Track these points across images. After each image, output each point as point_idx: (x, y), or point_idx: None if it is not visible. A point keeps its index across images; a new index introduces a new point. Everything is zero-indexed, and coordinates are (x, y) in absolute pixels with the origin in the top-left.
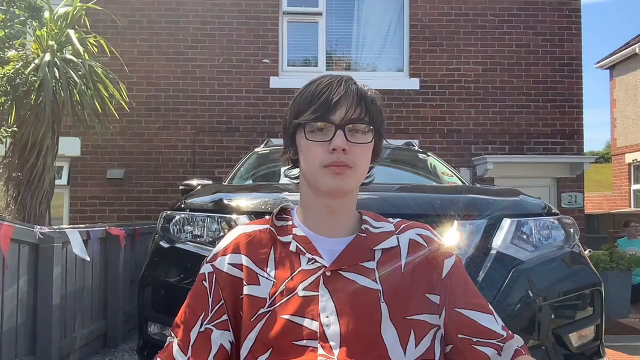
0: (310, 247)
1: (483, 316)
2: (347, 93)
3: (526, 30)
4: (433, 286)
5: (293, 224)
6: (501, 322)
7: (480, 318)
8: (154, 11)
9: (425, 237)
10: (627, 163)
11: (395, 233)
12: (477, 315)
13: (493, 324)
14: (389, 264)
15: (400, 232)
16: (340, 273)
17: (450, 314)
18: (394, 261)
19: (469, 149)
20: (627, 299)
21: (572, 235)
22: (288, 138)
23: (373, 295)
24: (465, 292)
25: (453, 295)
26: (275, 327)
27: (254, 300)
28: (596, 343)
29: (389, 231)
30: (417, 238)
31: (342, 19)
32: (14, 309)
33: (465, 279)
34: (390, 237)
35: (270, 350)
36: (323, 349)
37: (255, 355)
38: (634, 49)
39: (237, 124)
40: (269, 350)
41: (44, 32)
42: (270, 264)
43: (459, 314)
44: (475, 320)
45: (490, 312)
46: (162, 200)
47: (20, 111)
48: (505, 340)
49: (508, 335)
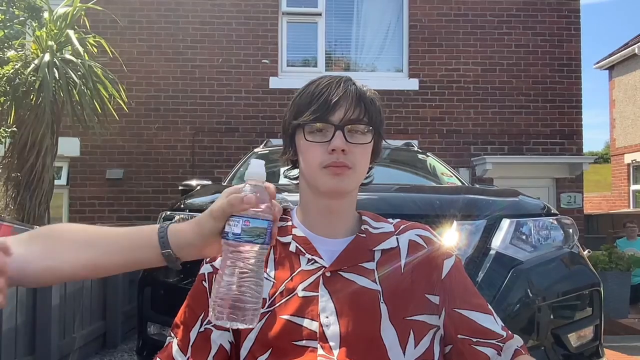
0: (309, 247)
1: (483, 316)
2: (347, 94)
3: (525, 30)
4: (433, 286)
5: (293, 224)
6: (501, 323)
7: (479, 318)
8: (153, 11)
9: (425, 237)
10: (626, 163)
11: (395, 234)
12: (476, 315)
13: (493, 324)
14: (389, 265)
15: (399, 233)
16: (340, 274)
17: (450, 314)
18: (393, 262)
19: (468, 150)
20: (626, 299)
21: (571, 236)
22: (287, 139)
23: (373, 296)
24: (465, 292)
25: (453, 296)
26: (275, 327)
27: None
28: (595, 343)
29: (388, 232)
30: (416, 239)
31: (341, 20)
32: (14, 309)
33: (465, 280)
34: (390, 237)
35: (270, 351)
36: (323, 349)
37: (255, 355)
38: (633, 50)
39: (236, 124)
40: (269, 351)
41: (44, 33)
42: (270, 264)
43: (458, 314)
44: (475, 321)
45: (489, 313)
46: (161, 201)
47: (20, 111)
48: (505, 340)
49: (508, 335)
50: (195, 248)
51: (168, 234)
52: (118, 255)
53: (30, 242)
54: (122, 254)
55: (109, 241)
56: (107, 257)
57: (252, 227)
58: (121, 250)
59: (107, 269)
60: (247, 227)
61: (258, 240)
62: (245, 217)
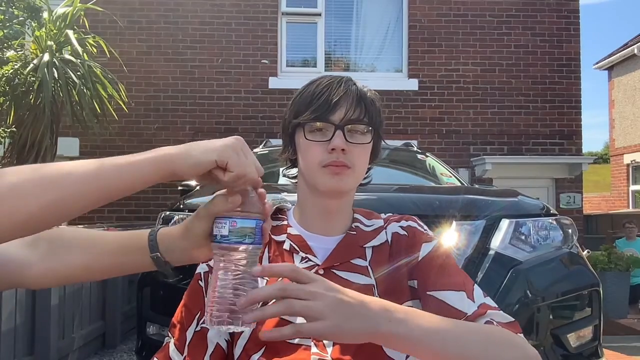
0: (304, 245)
1: (452, 294)
2: (347, 94)
3: (525, 31)
4: (412, 272)
5: (288, 223)
6: (480, 296)
7: (447, 297)
8: (153, 12)
9: (407, 227)
10: (626, 164)
11: (384, 228)
12: (446, 294)
13: (461, 301)
14: (381, 261)
15: (387, 227)
16: (333, 272)
17: (424, 299)
18: (383, 257)
19: (467, 150)
20: (625, 299)
21: (571, 236)
22: (287, 138)
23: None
24: (439, 273)
25: (427, 278)
26: (268, 325)
27: None
28: (594, 343)
29: (378, 227)
30: (399, 230)
31: (341, 20)
32: (13, 309)
33: (444, 262)
34: (380, 233)
35: (264, 349)
36: (316, 347)
37: (249, 353)
38: (632, 50)
39: (235, 124)
40: (262, 349)
41: (43, 33)
42: (264, 262)
43: (431, 297)
44: (444, 301)
45: (462, 289)
46: (160, 201)
47: (19, 111)
48: (471, 317)
49: (477, 312)
50: (184, 251)
51: (157, 237)
52: (109, 258)
53: (35, 244)
54: (113, 257)
55: (101, 244)
56: (99, 260)
57: (239, 227)
58: (113, 254)
59: (101, 271)
60: (234, 228)
61: (247, 240)
62: (232, 217)
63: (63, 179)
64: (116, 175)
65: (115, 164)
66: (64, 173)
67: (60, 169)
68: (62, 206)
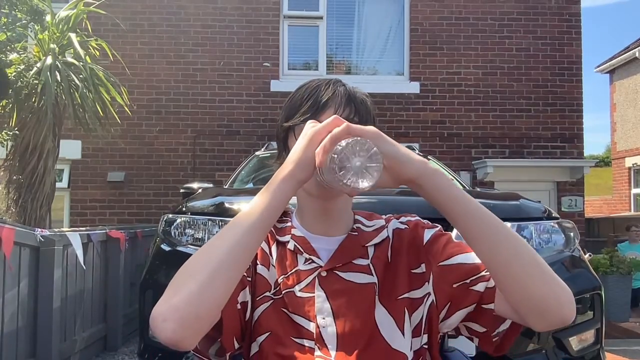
0: (308, 247)
1: (463, 256)
2: (336, 94)
3: (526, 34)
4: (418, 258)
5: (292, 225)
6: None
7: (460, 259)
8: (155, 14)
9: (407, 222)
10: (627, 167)
11: (385, 227)
12: (459, 258)
13: (475, 258)
14: (381, 256)
15: (388, 225)
16: (335, 273)
17: (437, 272)
18: (384, 252)
19: (469, 153)
20: (627, 302)
21: (572, 239)
22: (281, 143)
23: (369, 293)
24: (445, 247)
25: (436, 254)
26: (276, 316)
27: (262, 281)
28: (596, 347)
29: (380, 227)
30: (399, 225)
31: (342, 23)
32: (15, 311)
33: (448, 240)
34: (382, 231)
35: (269, 334)
36: (320, 351)
37: (256, 332)
38: (633, 53)
39: (237, 127)
40: (268, 334)
41: (46, 36)
42: (272, 262)
43: (444, 267)
44: (458, 263)
45: (469, 250)
46: (162, 204)
47: (22, 114)
48: (488, 276)
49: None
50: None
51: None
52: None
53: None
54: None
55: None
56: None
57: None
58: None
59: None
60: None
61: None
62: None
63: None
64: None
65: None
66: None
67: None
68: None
